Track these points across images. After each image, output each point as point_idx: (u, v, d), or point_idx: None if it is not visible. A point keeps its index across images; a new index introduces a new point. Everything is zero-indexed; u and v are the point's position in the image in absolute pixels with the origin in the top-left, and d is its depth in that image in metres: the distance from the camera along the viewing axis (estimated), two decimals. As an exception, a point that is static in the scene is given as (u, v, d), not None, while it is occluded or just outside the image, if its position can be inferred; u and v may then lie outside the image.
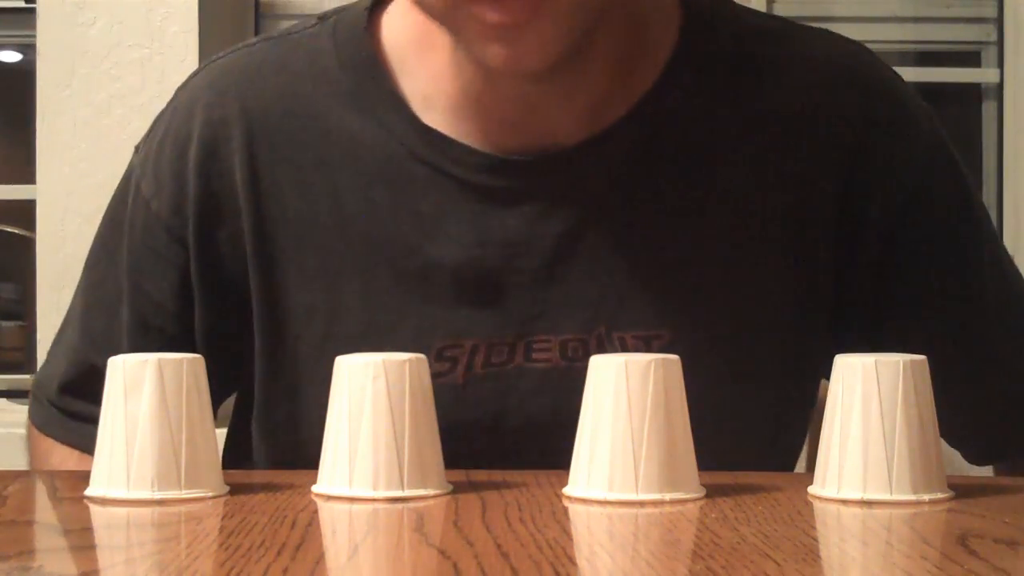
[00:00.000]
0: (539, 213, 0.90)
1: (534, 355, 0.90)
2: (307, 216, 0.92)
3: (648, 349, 0.88)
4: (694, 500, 0.74)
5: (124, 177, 1.00)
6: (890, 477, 0.74)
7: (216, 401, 0.92)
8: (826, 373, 0.92)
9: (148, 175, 0.96)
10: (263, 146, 0.92)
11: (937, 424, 0.76)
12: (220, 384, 0.93)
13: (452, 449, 0.78)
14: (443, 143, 0.90)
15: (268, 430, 0.96)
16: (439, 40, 0.90)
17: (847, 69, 0.94)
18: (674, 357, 0.75)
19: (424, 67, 0.92)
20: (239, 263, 0.93)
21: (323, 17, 0.96)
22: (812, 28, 0.98)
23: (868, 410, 0.74)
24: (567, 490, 0.76)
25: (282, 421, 0.95)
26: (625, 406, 0.73)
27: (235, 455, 1.00)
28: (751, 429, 0.92)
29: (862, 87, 0.94)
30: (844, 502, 0.74)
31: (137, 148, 1.00)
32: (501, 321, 0.90)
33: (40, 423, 1.04)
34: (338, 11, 0.96)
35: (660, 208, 0.90)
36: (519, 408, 0.90)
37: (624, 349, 0.89)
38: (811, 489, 0.77)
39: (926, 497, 0.74)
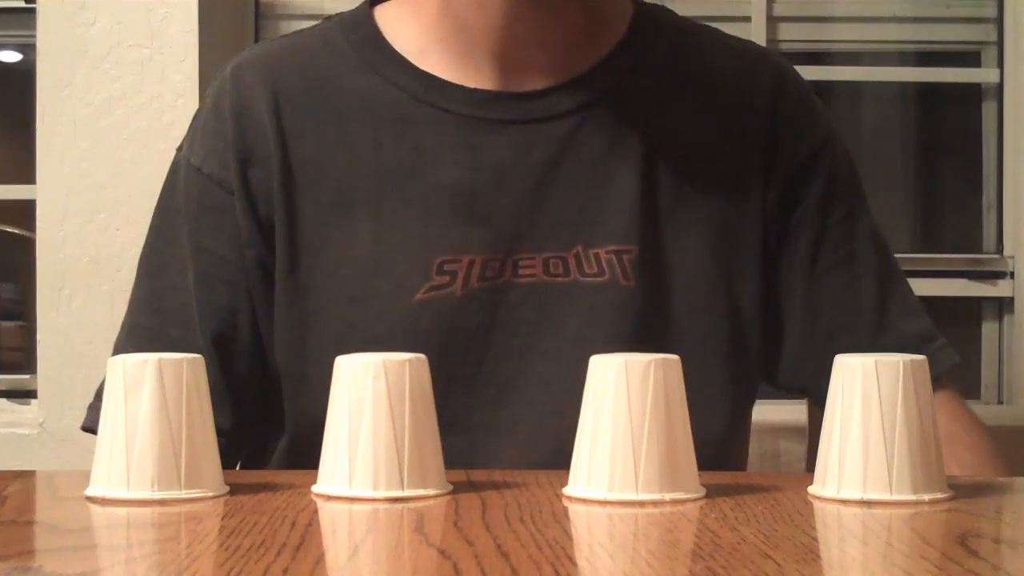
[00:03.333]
0: (523, 142, 1.03)
1: (520, 271, 1.02)
2: (323, 158, 1.04)
3: (620, 262, 1.02)
4: (694, 500, 0.74)
5: (169, 174, 1.10)
6: (890, 477, 0.74)
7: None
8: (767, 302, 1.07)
9: (196, 150, 1.07)
10: (286, 103, 1.05)
11: (937, 424, 0.76)
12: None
13: (451, 358, 0.99)
14: (440, 84, 1.05)
15: (282, 360, 1.03)
16: (427, 2, 1.06)
17: (762, 57, 1.13)
18: (674, 357, 0.75)
19: (416, 26, 1.07)
20: (269, 203, 1.03)
21: (327, 19, 1.12)
22: (734, 36, 1.19)
23: (868, 410, 0.74)
24: (567, 490, 0.76)
25: (295, 343, 1.02)
26: (625, 406, 0.74)
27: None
28: (715, 316, 1.04)
29: (775, 71, 1.12)
30: (844, 502, 0.74)
31: (180, 147, 1.10)
32: (493, 239, 1.02)
33: None
34: (339, 13, 1.12)
35: (623, 145, 1.04)
36: (507, 319, 1.01)
37: (599, 264, 1.02)
38: (811, 489, 0.77)
39: (926, 497, 0.74)
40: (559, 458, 0.80)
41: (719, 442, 1.03)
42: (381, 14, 1.10)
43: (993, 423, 1.10)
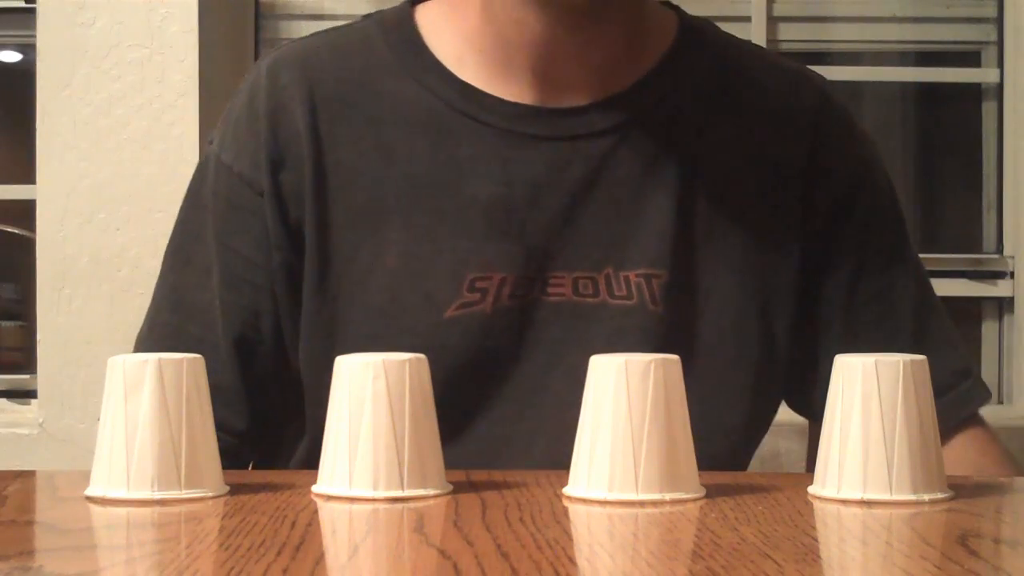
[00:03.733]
0: (560, 159, 1.02)
1: (549, 289, 1.01)
2: (357, 163, 1.02)
3: (649, 286, 1.01)
4: (694, 500, 0.74)
5: (198, 168, 1.09)
6: (890, 477, 0.74)
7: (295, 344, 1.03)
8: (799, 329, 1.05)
9: (227, 146, 1.06)
10: (321, 106, 1.04)
11: (937, 424, 0.76)
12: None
13: (476, 374, 0.99)
14: (478, 95, 1.03)
15: (306, 365, 1.02)
16: (470, 9, 1.04)
17: (807, 79, 1.12)
18: (674, 357, 0.75)
19: (456, 32, 1.05)
20: (300, 207, 1.02)
21: (367, 17, 1.11)
22: (777, 53, 1.20)
23: (868, 410, 0.74)
24: (567, 490, 0.76)
25: (320, 350, 1.01)
26: (625, 406, 0.73)
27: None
28: (743, 346, 1.03)
29: (819, 93, 1.10)
30: (844, 502, 0.74)
31: (210, 140, 1.09)
32: (525, 257, 1.00)
33: None
34: (380, 11, 1.11)
35: (660, 167, 1.03)
36: (534, 338, 1.00)
37: (628, 287, 1.01)
38: (811, 489, 0.77)
39: (926, 497, 0.74)
40: None
41: (730, 459, 1.02)
42: (422, 15, 1.08)
43: (993, 423, 1.10)
